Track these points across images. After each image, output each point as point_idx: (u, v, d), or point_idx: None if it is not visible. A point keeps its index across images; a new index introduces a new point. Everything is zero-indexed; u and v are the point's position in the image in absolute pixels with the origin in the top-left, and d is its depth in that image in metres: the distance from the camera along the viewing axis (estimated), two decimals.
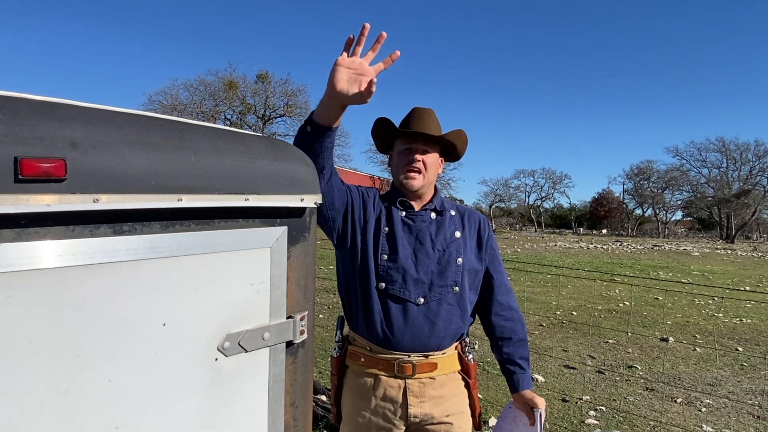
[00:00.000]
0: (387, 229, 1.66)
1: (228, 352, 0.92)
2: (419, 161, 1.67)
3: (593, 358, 5.54)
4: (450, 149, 1.77)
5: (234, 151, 0.92)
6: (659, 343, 6.18)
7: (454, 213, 1.76)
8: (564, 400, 4.24)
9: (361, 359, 1.67)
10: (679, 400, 4.36)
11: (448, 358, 1.68)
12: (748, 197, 45.19)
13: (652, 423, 3.85)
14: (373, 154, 36.13)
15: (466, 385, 1.73)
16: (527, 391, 1.72)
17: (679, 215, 59.06)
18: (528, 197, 62.56)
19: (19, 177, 0.65)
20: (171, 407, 0.85)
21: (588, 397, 4.33)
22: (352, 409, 1.69)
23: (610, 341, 6.22)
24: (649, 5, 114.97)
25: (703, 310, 8.46)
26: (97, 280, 0.75)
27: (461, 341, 1.73)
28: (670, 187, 53.63)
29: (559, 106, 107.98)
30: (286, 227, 1.02)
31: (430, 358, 1.64)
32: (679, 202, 54.80)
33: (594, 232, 54.14)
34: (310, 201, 1.05)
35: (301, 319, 1.05)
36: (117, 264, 0.77)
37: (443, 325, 1.63)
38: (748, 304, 8.71)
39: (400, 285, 1.62)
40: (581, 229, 58.81)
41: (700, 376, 5.05)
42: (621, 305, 8.61)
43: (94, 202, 0.73)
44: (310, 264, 1.09)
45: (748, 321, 7.64)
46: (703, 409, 4.19)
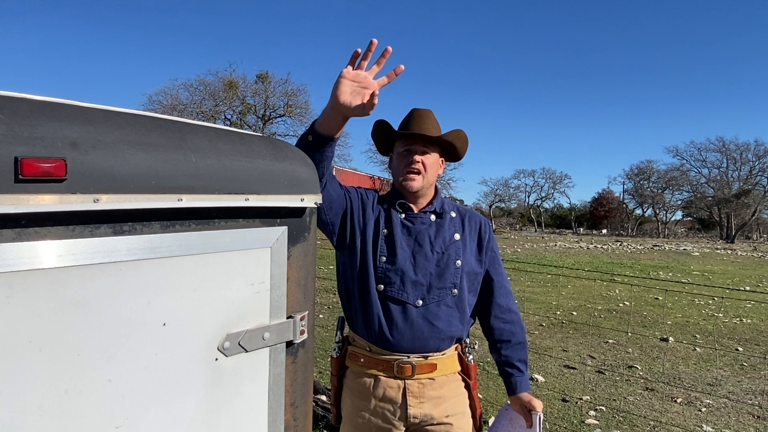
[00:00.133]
0: (386, 231, 1.66)
1: (228, 352, 0.92)
2: (418, 162, 1.67)
3: (593, 358, 5.54)
4: (450, 149, 1.76)
5: (234, 151, 0.92)
6: (659, 343, 6.18)
7: (454, 215, 1.76)
8: (564, 400, 4.24)
9: (361, 360, 1.67)
10: (679, 400, 4.36)
11: (448, 359, 1.68)
12: (748, 197, 45.19)
13: (652, 423, 3.85)
14: (372, 154, 36.15)
15: (466, 386, 1.73)
16: (525, 394, 1.72)
17: (679, 215, 59.14)
18: (528, 197, 62.66)
19: (20, 177, 0.66)
20: (171, 407, 0.85)
21: (588, 397, 4.33)
22: (351, 410, 1.69)
23: (610, 341, 6.22)
24: (649, 5, 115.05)
25: (703, 310, 8.46)
26: (97, 280, 0.75)
27: (461, 342, 1.73)
28: (670, 187, 53.66)
29: (559, 105, 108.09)
30: (286, 227, 1.02)
31: (430, 359, 1.64)
32: (679, 202, 54.86)
33: (594, 232, 54.14)
34: (310, 201, 1.05)
35: (301, 319, 1.05)
36: (117, 264, 0.77)
37: (442, 327, 1.63)
38: (748, 304, 8.71)
39: (398, 287, 1.62)
40: (581, 229, 58.81)
41: (700, 376, 5.05)
42: (621, 305, 8.61)
43: (94, 202, 0.73)
44: (310, 264, 1.09)
45: (748, 321, 7.64)
46: (703, 409, 4.19)
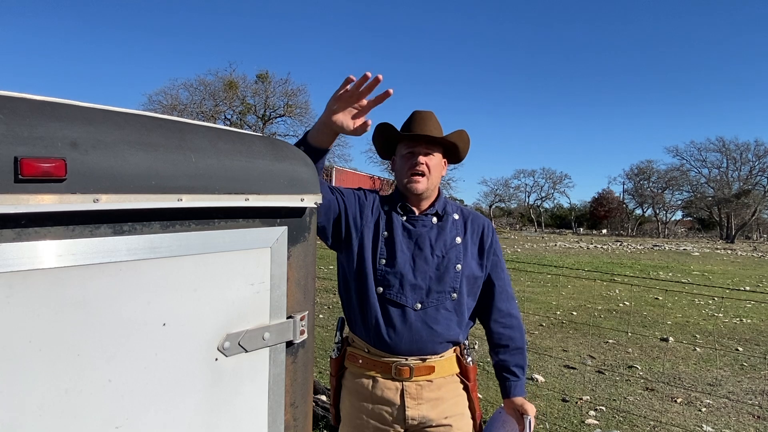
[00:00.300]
0: (386, 233, 1.66)
1: (228, 352, 0.92)
2: (422, 164, 1.67)
3: (593, 358, 5.54)
4: (452, 150, 1.76)
5: (234, 151, 0.92)
6: (659, 343, 6.18)
7: (457, 217, 1.75)
8: (564, 400, 4.24)
9: (359, 361, 1.67)
10: (679, 400, 4.35)
11: (446, 361, 1.68)
12: (748, 197, 45.19)
13: (652, 423, 3.85)
14: (373, 154, 36.11)
15: (465, 388, 1.72)
16: (518, 398, 1.72)
17: (679, 215, 59.16)
18: (528, 197, 62.70)
19: (19, 177, 0.65)
20: (171, 407, 0.85)
21: (588, 397, 4.33)
22: (350, 411, 1.69)
23: (610, 341, 6.22)
24: (649, 5, 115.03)
25: (703, 310, 8.46)
26: (97, 280, 0.75)
27: (460, 345, 1.72)
28: (670, 187, 53.67)
29: (559, 105, 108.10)
30: (286, 227, 1.02)
31: (428, 361, 1.64)
32: (679, 202, 54.87)
33: (594, 232, 54.13)
34: (310, 201, 1.05)
35: (301, 319, 1.05)
36: (117, 264, 0.77)
37: (440, 331, 1.63)
38: (748, 304, 8.71)
39: (397, 290, 1.62)
40: (581, 229, 58.79)
41: (700, 376, 5.05)
42: (621, 305, 8.61)
43: (94, 202, 0.72)
44: (310, 264, 1.09)
45: (748, 321, 7.64)
46: (703, 409, 4.19)
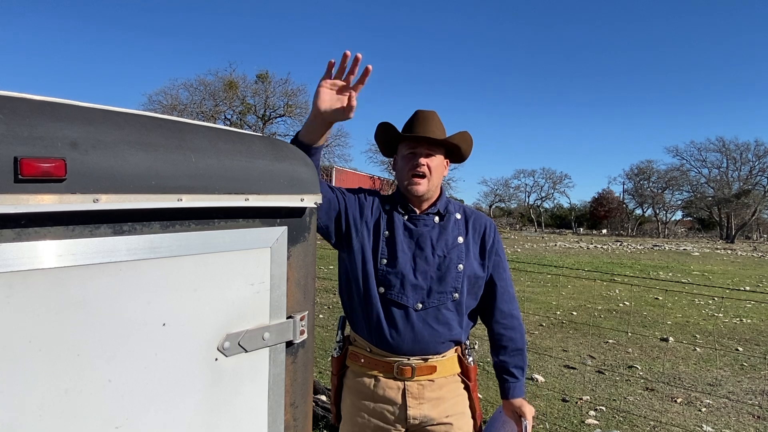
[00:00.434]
0: (387, 233, 1.66)
1: (228, 352, 0.92)
2: (423, 165, 1.66)
3: (593, 358, 5.54)
4: (455, 151, 1.76)
5: (234, 151, 0.92)
6: (659, 343, 6.18)
7: (459, 216, 1.74)
8: (564, 400, 4.24)
9: (361, 360, 1.67)
10: (679, 400, 4.35)
11: (448, 361, 1.68)
12: (748, 197, 45.19)
13: (652, 423, 3.85)
14: (373, 154, 36.07)
15: (466, 387, 1.72)
16: (517, 399, 1.72)
17: (679, 215, 59.17)
18: (528, 197, 62.74)
19: (19, 177, 0.65)
20: (171, 407, 0.85)
21: (588, 397, 4.33)
22: (351, 410, 1.69)
23: (610, 341, 6.22)
24: (649, 5, 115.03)
25: (703, 310, 8.46)
26: (97, 280, 0.75)
27: (461, 344, 1.72)
28: (670, 187, 53.66)
29: (559, 105, 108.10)
30: (286, 227, 1.02)
31: (429, 361, 1.64)
32: (679, 202, 54.88)
33: (594, 232, 54.12)
34: (310, 201, 1.05)
35: (301, 319, 1.05)
36: (117, 264, 0.77)
37: (442, 331, 1.63)
38: (748, 304, 8.71)
39: (398, 290, 1.62)
40: (581, 229, 58.79)
41: (700, 376, 5.05)
42: (621, 305, 8.61)
43: (94, 202, 0.72)
44: (310, 264, 1.09)
45: (748, 321, 7.64)
46: (703, 409, 4.19)
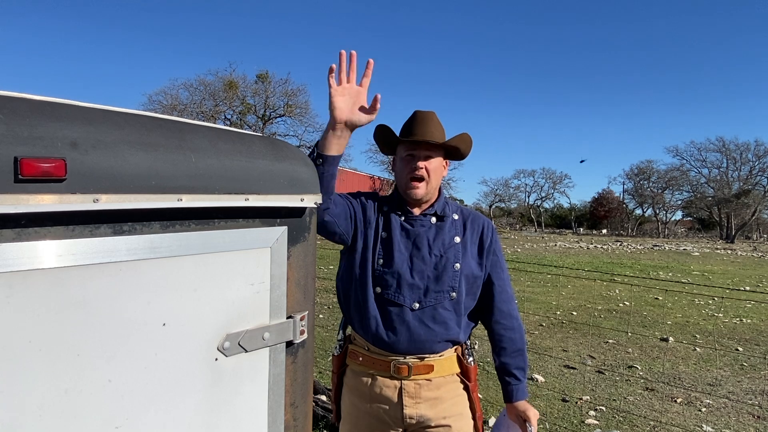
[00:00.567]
0: (384, 234, 1.67)
1: (228, 352, 0.92)
2: (422, 169, 1.66)
3: (593, 358, 5.54)
4: (454, 151, 1.76)
5: (234, 151, 0.92)
6: (659, 343, 6.18)
7: (456, 217, 1.75)
8: (564, 400, 4.24)
9: (360, 358, 1.68)
10: (679, 400, 4.36)
11: (446, 361, 1.67)
12: (748, 197, 45.17)
13: (652, 423, 3.85)
14: (373, 154, 36.11)
15: (465, 388, 1.71)
16: (521, 402, 1.71)
17: (679, 215, 59.12)
18: (528, 197, 62.71)
19: (19, 177, 0.65)
20: (171, 407, 0.85)
21: (588, 397, 4.33)
22: (350, 408, 1.70)
23: (610, 341, 6.22)
24: (649, 5, 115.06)
25: (703, 310, 8.46)
26: (97, 280, 0.75)
27: (461, 345, 1.72)
28: (670, 187, 53.63)
29: (559, 105, 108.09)
30: (286, 227, 1.02)
31: (426, 360, 1.64)
32: (679, 202, 54.84)
33: (594, 232, 54.11)
34: (310, 201, 1.05)
35: (301, 319, 1.05)
36: (117, 264, 0.77)
37: (439, 331, 1.63)
38: (748, 304, 8.71)
39: (394, 290, 1.62)
40: (581, 229, 58.78)
41: (700, 376, 5.05)
42: (621, 305, 8.61)
43: (94, 202, 0.72)
44: (310, 264, 1.09)
45: (748, 321, 7.64)
46: (703, 409, 4.19)
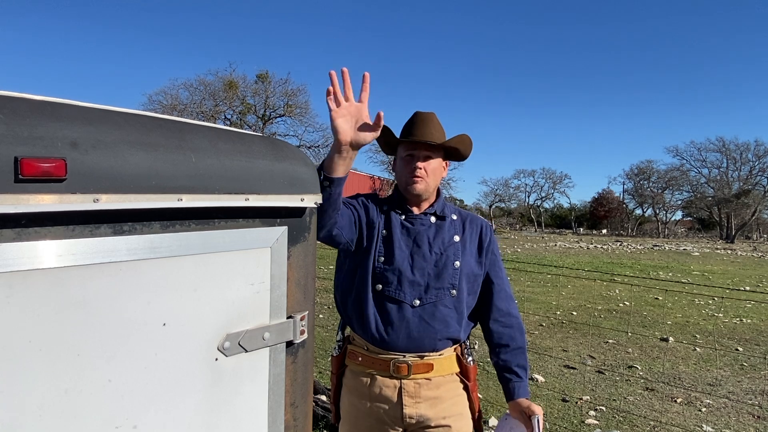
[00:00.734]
0: (385, 232, 1.68)
1: (228, 352, 0.93)
2: (421, 169, 1.68)
3: (593, 358, 5.54)
4: (453, 152, 1.77)
5: (234, 151, 0.92)
6: (659, 343, 6.18)
7: (455, 217, 1.77)
8: (564, 400, 4.24)
9: (359, 358, 1.68)
10: (679, 400, 4.36)
11: (446, 360, 1.67)
12: (748, 197, 45.16)
13: (652, 423, 3.85)
14: (373, 154, 36.05)
15: (465, 388, 1.71)
16: (523, 399, 1.70)
17: (679, 215, 59.08)
18: (528, 197, 62.69)
19: (19, 177, 0.65)
20: (171, 407, 0.85)
21: (588, 397, 4.33)
22: (350, 408, 1.70)
23: (610, 341, 6.22)
24: (649, 5, 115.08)
25: (703, 310, 8.46)
26: (97, 280, 0.75)
27: (461, 344, 1.72)
28: (670, 187, 53.60)
29: (559, 105, 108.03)
30: (286, 227, 1.02)
31: (426, 359, 1.64)
32: (679, 202, 54.82)
33: (594, 232, 54.09)
34: (310, 201, 1.05)
35: (301, 319, 1.05)
36: (117, 264, 0.77)
37: (439, 328, 1.63)
38: (748, 304, 8.71)
39: (395, 287, 1.63)
40: (581, 229, 58.78)
41: (700, 376, 5.05)
42: (621, 305, 8.61)
43: (94, 202, 0.73)
44: (310, 264, 1.09)
45: (748, 321, 7.64)
46: (703, 409, 4.19)
